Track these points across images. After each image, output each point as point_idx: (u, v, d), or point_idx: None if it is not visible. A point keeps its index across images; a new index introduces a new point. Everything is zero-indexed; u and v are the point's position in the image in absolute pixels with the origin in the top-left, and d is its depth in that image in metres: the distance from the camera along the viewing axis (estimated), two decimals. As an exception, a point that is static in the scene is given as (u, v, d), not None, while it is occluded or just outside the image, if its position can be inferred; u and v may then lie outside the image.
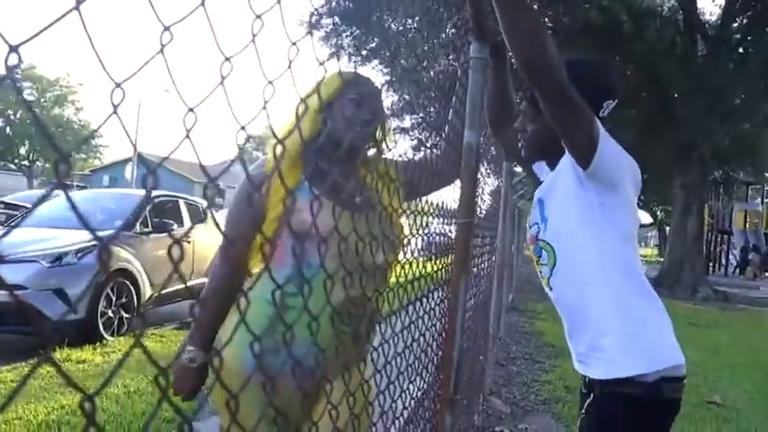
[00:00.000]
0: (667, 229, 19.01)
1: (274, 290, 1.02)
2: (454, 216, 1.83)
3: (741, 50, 15.97)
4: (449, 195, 1.97)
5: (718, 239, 29.52)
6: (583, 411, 1.64)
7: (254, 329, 0.89)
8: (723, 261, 30.01)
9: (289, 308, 1.41)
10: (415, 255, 1.92)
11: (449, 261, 1.88)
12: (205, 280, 1.69)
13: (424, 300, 1.90)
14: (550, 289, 1.67)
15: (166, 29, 0.62)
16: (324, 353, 1.28)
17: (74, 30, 0.55)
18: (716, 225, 28.35)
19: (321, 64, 0.96)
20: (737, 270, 28.52)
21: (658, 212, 35.29)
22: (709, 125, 14.41)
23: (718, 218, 28.79)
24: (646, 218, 41.47)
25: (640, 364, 1.51)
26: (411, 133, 19.37)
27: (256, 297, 1.21)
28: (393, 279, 1.63)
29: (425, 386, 1.91)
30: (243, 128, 0.75)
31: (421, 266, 1.90)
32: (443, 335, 1.83)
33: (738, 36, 16.14)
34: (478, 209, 3.37)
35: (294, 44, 0.76)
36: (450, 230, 1.95)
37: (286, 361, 1.22)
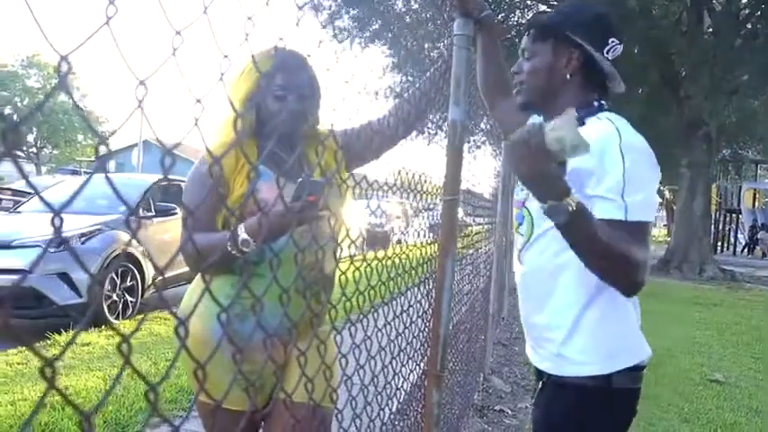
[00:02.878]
0: (675, 208, 18.88)
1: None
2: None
3: (749, 26, 15.75)
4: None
5: (727, 219, 29.37)
6: (533, 402, 1.60)
7: (219, 298, 0.92)
8: (731, 240, 29.88)
9: (256, 276, 1.48)
10: (421, 237, 1.94)
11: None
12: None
13: (422, 285, 1.91)
14: (521, 263, 1.58)
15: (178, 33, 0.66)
16: (288, 318, 1.31)
17: (74, 18, 0.56)
18: (724, 204, 28.21)
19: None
20: (746, 249, 28.39)
21: (666, 192, 35.08)
22: (715, 102, 14.26)
23: (726, 197, 28.63)
24: (654, 198, 41.21)
25: (593, 366, 1.44)
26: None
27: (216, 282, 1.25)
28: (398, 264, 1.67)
29: (416, 365, 1.93)
30: (198, 101, 0.76)
31: (426, 250, 1.91)
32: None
33: (746, 12, 15.92)
34: (472, 187, 3.37)
35: (250, 18, 0.76)
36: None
37: (253, 327, 1.27)
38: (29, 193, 10.59)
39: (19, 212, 7.21)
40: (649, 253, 1.33)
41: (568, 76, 1.49)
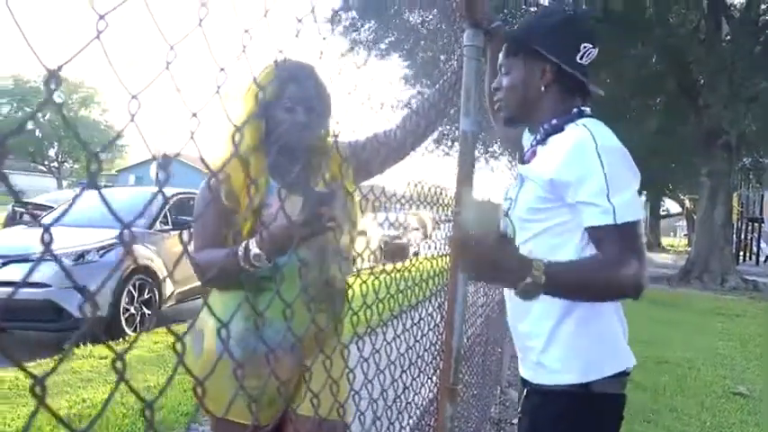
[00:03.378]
0: (696, 218, 18.66)
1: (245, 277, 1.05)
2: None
3: (768, 33, 15.60)
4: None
5: (749, 228, 28.93)
6: (519, 410, 1.60)
7: (228, 314, 0.93)
8: (754, 250, 29.42)
9: (264, 291, 1.46)
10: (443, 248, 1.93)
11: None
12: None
13: (434, 297, 1.90)
14: None
15: (171, 47, 0.67)
16: (300, 333, 1.31)
17: (93, 34, 0.59)
18: (745, 213, 27.81)
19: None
20: (769, 259, 27.93)
21: (686, 201, 34.70)
22: (735, 111, 14.10)
23: (747, 206, 28.24)
24: (674, 207, 40.81)
25: (570, 374, 1.43)
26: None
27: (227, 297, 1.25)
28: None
29: (428, 378, 1.91)
30: (194, 114, 0.77)
31: (438, 262, 1.90)
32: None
33: (765, 18, 15.76)
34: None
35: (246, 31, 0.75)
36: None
37: (265, 340, 1.28)
38: (50, 207, 10.71)
39: (40, 226, 7.28)
40: (644, 251, 1.33)
41: (543, 89, 1.49)
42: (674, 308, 10.05)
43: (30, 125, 42.44)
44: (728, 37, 15.44)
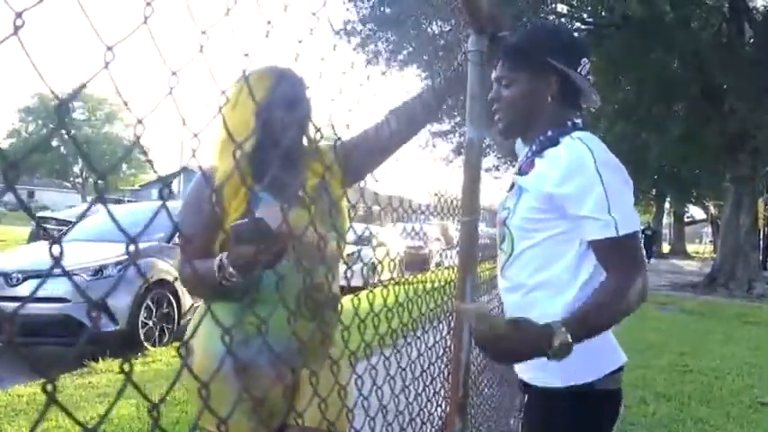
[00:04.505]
0: (720, 224, 18.38)
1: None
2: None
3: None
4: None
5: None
6: (520, 416, 1.61)
7: (220, 326, 0.93)
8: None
9: (259, 302, 1.44)
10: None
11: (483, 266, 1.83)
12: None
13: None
14: (504, 278, 1.60)
15: (174, 73, 0.73)
16: (292, 341, 1.31)
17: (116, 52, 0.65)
18: (773, 218, 27.32)
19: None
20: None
21: (711, 207, 34.24)
22: (760, 115, 13.88)
23: (774, 211, 27.74)
24: (699, 214, 40.29)
25: (568, 375, 1.44)
26: (450, 137, 19.39)
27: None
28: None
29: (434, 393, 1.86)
30: (195, 135, 0.80)
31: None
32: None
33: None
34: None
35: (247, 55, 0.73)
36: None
37: (256, 352, 1.26)
38: (72, 222, 10.84)
39: (61, 238, 7.35)
40: (644, 262, 1.41)
41: (549, 100, 1.53)
42: (699, 316, 9.87)
43: (54, 142, 43.27)
44: (752, 40, 15.24)
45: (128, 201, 26.46)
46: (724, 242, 16.01)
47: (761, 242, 20.10)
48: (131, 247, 0.71)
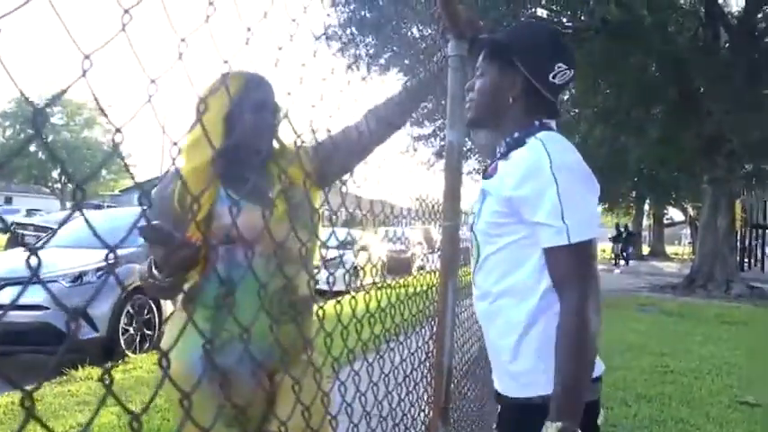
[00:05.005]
0: (698, 226, 18.58)
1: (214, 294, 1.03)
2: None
3: (766, 40, 15.61)
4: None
5: (753, 234, 28.81)
6: (495, 427, 1.57)
7: (196, 334, 0.96)
8: (759, 256, 29.28)
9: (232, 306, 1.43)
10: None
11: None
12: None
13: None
14: (474, 286, 1.57)
15: (153, 81, 0.73)
16: (268, 344, 1.32)
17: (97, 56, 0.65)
18: (750, 220, 27.68)
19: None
20: (774, 265, 27.76)
21: (689, 209, 34.63)
22: (736, 118, 14.08)
23: (751, 212, 28.11)
24: (678, 215, 40.72)
25: (539, 386, 1.39)
26: (432, 140, 19.44)
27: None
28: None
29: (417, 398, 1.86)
30: (175, 143, 0.80)
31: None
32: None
33: (763, 25, 15.79)
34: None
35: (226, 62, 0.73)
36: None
37: (232, 358, 1.27)
38: (50, 229, 10.72)
39: (40, 248, 7.26)
40: (595, 271, 1.36)
41: (511, 101, 1.49)
42: (679, 317, 9.96)
43: (32, 147, 42.71)
44: (727, 45, 15.47)
45: (107, 206, 26.20)
46: (702, 244, 16.19)
47: (738, 243, 20.36)
48: (111, 257, 0.70)
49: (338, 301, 1.39)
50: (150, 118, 0.75)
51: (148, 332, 6.40)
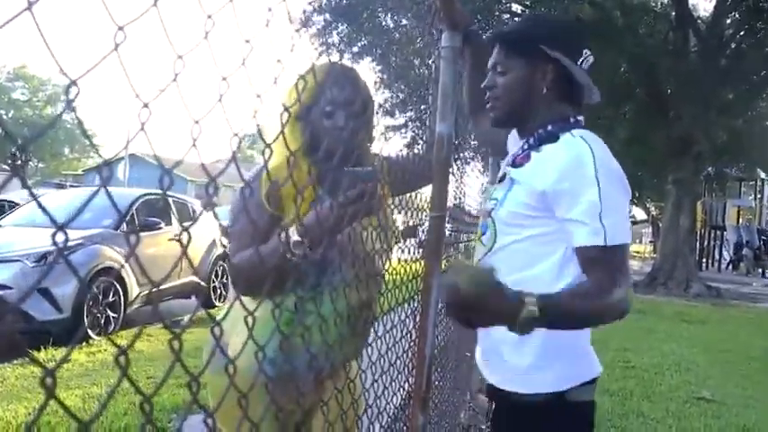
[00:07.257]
0: (661, 225, 18.97)
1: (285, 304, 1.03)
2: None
3: (734, 45, 15.97)
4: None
5: (712, 235, 29.54)
6: (488, 423, 1.58)
7: (263, 330, 0.96)
8: (716, 257, 30.04)
9: (306, 313, 1.35)
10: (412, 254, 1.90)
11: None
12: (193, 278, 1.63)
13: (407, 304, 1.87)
14: None
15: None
16: (334, 354, 1.30)
17: (63, 28, 0.54)
18: (709, 221, 28.37)
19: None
20: (731, 266, 28.52)
21: (652, 209, 35.30)
22: (704, 121, 14.38)
23: (711, 214, 28.82)
24: (640, 214, 41.48)
25: (546, 383, 1.39)
26: (403, 131, 19.45)
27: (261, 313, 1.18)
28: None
29: (399, 387, 1.87)
30: (197, 122, 0.76)
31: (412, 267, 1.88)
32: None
33: (731, 31, 16.14)
34: (466, 205, 3.34)
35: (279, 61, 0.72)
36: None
37: (301, 363, 1.29)
38: (14, 203, 10.43)
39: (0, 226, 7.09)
40: (629, 274, 1.32)
41: (545, 91, 1.44)
42: (640, 314, 10.15)
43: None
44: (695, 49, 15.78)
45: (70, 186, 25.63)
46: (664, 242, 16.53)
47: (697, 244, 20.84)
48: (59, 236, 0.62)
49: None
50: (114, 98, 0.69)
51: (113, 314, 6.30)
